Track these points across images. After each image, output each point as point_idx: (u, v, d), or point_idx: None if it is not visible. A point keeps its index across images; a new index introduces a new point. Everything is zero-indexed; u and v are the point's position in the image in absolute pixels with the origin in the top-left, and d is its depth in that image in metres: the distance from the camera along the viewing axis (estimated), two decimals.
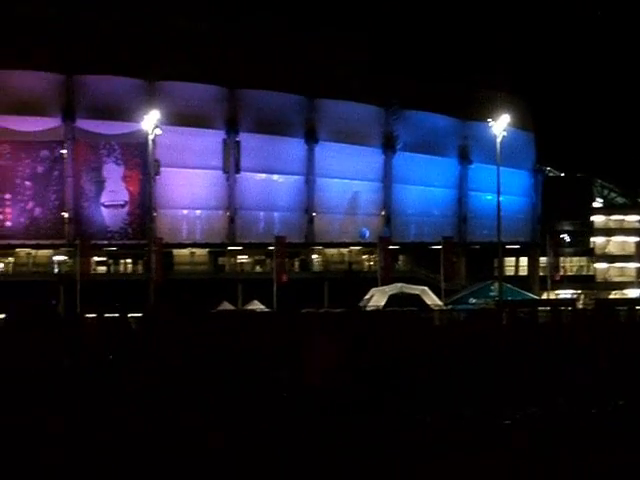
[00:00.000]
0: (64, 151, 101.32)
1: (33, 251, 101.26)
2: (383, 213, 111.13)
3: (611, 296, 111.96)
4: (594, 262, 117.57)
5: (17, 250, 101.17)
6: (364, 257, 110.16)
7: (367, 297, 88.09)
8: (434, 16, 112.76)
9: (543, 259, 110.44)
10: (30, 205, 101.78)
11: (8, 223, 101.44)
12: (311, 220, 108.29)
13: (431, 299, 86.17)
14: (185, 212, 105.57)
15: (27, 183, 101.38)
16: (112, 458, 20.85)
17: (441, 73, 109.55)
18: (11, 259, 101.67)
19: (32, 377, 34.28)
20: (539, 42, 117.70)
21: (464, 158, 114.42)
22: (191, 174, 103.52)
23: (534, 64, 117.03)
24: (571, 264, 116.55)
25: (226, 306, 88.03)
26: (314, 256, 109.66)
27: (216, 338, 48.82)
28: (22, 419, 25.66)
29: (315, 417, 25.76)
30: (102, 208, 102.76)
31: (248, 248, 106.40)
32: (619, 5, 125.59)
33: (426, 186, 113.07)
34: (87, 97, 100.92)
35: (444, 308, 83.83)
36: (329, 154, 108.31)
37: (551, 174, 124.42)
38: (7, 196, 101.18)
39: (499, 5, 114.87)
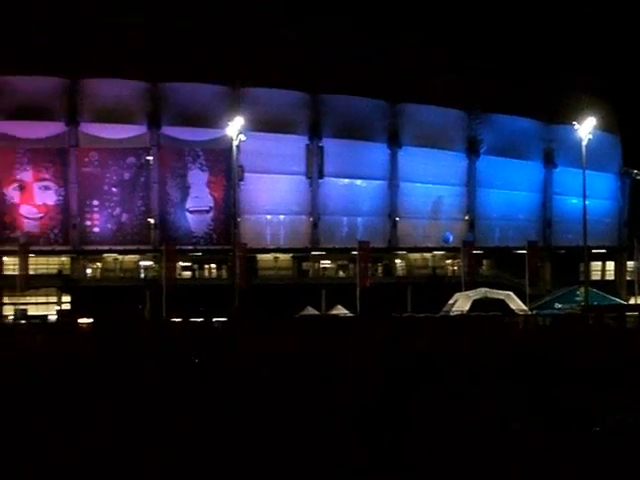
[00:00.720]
0: (150, 158, 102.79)
1: (120, 256, 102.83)
2: (467, 217, 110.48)
3: None
4: None
5: (105, 256, 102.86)
6: (448, 262, 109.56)
7: (451, 302, 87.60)
8: (518, 18, 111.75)
9: (630, 263, 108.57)
10: (117, 211, 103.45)
11: (96, 229, 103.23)
12: (394, 225, 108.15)
13: (516, 304, 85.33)
14: (269, 217, 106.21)
15: (114, 190, 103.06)
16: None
17: (525, 76, 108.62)
18: (99, 264, 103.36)
19: (118, 381, 34.77)
20: (625, 44, 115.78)
21: (549, 161, 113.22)
22: (275, 179, 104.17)
23: (620, 66, 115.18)
24: None
25: (309, 311, 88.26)
26: (397, 261, 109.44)
27: (299, 343, 48.97)
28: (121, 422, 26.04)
29: None
30: (187, 214, 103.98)
31: (331, 253, 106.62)
32: None
33: (510, 190, 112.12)
34: (172, 104, 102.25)
35: (529, 313, 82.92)
36: (412, 158, 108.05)
37: (638, 177, 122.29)
38: (95, 202, 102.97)
39: (585, 5, 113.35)
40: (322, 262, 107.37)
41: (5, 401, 29.72)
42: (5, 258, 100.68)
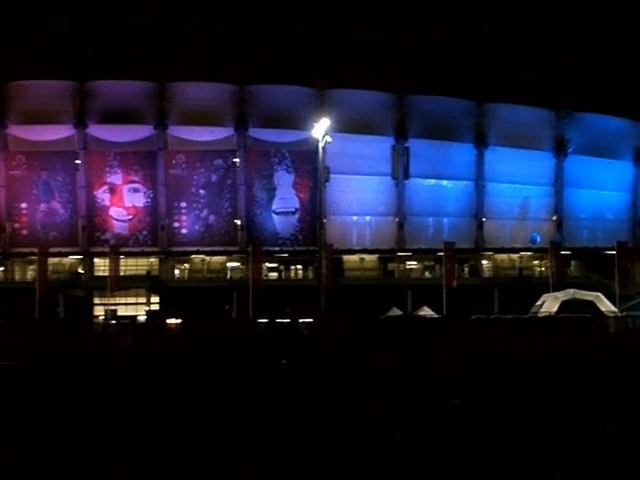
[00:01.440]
0: (237, 160, 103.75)
1: (207, 258, 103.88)
2: (554, 218, 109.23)
3: None
4: None
5: (192, 257, 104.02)
6: (535, 263, 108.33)
7: (538, 303, 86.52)
8: (603, 15, 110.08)
9: None
10: (204, 213, 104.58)
11: (184, 230, 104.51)
12: (481, 225, 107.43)
13: (605, 305, 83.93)
14: (355, 218, 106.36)
15: (201, 191, 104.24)
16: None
17: (613, 74, 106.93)
18: (187, 265, 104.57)
19: (205, 381, 35.14)
20: None
21: (639, 161, 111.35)
22: (360, 180, 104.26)
23: None
24: None
25: (395, 312, 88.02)
26: (484, 262, 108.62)
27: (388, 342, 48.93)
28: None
29: None
30: (273, 215, 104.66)
31: (417, 254, 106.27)
32: None
33: (599, 190, 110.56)
34: (259, 106, 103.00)
35: (619, 315, 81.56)
36: (499, 158, 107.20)
37: None
38: (183, 204, 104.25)
39: None
40: (408, 263, 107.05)
41: (96, 401, 30.28)
42: (96, 260, 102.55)
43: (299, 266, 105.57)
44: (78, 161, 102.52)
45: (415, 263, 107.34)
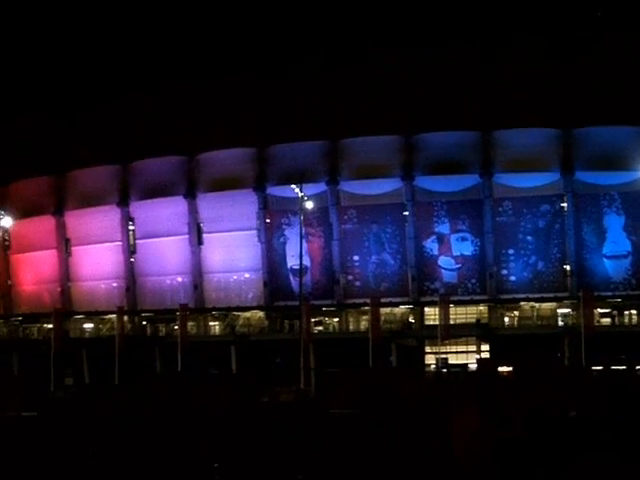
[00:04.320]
0: (564, 204, 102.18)
1: (537, 304, 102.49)
2: None
3: None
4: None
5: (521, 304, 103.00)
6: None
7: None
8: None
9: None
10: (533, 259, 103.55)
11: (512, 277, 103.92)
12: None
13: None
14: None
15: (529, 238, 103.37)
16: None
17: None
18: (516, 313, 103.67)
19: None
20: None
21: None
22: None
23: None
24: None
25: None
26: None
27: None
28: None
29: None
30: (604, 259, 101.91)
31: None
32: None
33: None
34: (585, 149, 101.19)
35: None
36: None
37: None
38: (510, 251, 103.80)
39: None
40: None
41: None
42: (426, 309, 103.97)
43: (633, 311, 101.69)
44: (406, 212, 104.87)
45: None
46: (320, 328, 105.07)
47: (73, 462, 32.94)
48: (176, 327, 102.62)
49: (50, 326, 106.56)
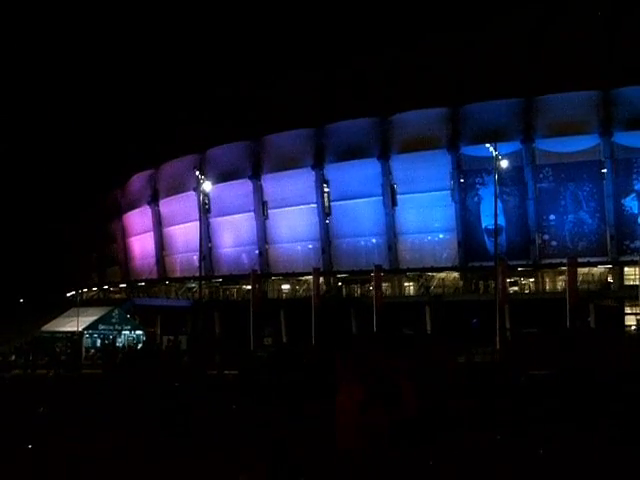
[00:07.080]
0: None
1: None
2: None
3: None
4: None
5: None
6: None
7: None
8: None
9: None
10: None
11: None
12: None
13: None
14: None
15: None
16: None
17: None
18: None
19: None
20: None
21: None
22: None
23: None
24: None
25: None
26: None
27: None
28: None
29: None
30: None
31: None
32: None
33: None
34: None
35: None
36: None
37: None
38: None
39: None
40: None
41: None
42: (626, 268, 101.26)
43: None
44: (604, 170, 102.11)
45: None
46: (515, 288, 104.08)
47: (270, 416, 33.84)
48: (371, 288, 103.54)
49: (249, 287, 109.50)
